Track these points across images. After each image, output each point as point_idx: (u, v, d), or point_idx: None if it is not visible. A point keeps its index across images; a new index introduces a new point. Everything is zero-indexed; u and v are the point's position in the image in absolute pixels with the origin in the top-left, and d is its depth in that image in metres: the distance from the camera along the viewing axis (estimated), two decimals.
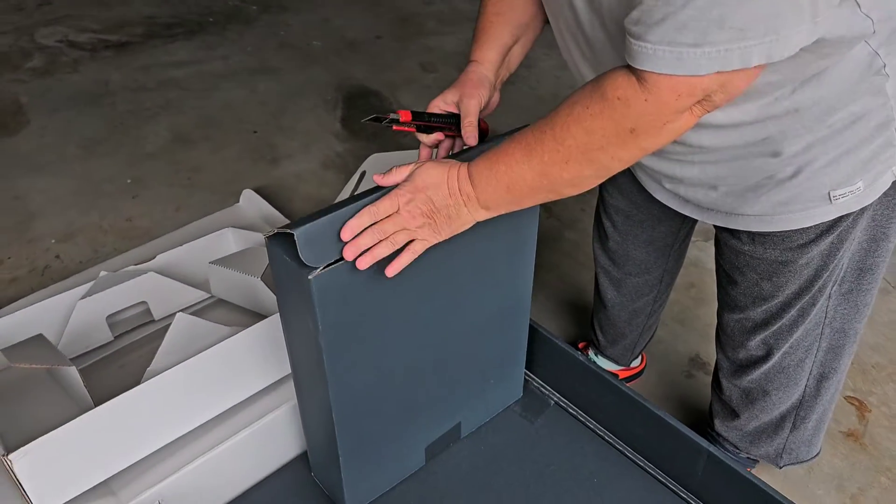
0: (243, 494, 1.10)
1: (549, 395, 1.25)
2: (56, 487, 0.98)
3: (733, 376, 1.18)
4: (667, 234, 1.21)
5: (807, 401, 1.16)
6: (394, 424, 1.04)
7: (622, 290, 1.33)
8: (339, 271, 0.81)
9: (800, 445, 1.22)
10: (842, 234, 0.94)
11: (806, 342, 1.08)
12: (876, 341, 1.69)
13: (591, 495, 1.10)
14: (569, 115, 0.74)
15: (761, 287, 1.03)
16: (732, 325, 1.13)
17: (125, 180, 2.16)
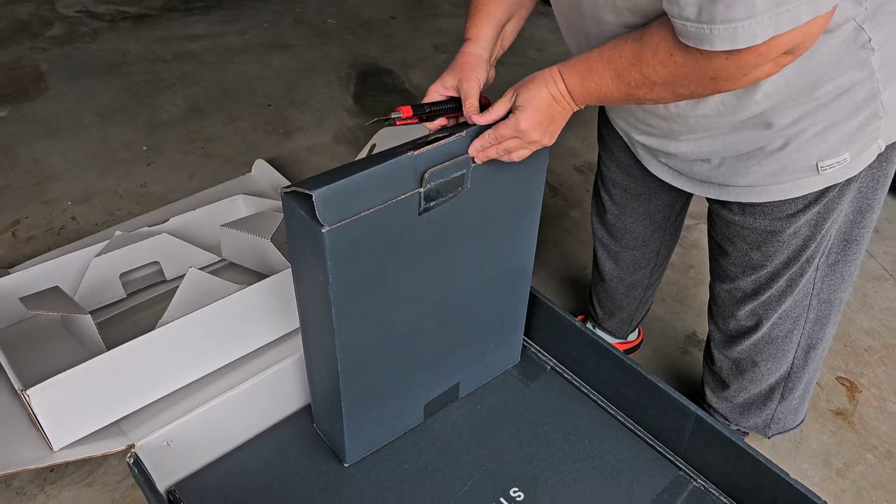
0: (248, 442, 1.15)
1: (545, 360, 1.29)
2: (71, 424, 1.04)
3: (724, 347, 1.22)
4: (663, 207, 1.24)
5: (795, 372, 1.19)
6: (395, 379, 1.08)
7: (620, 263, 1.36)
8: (351, 226, 0.85)
9: (787, 415, 1.25)
10: (828, 204, 0.97)
11: (794, 313, 1.12)
12: (871, 326, 1.72)
13: (582, 455, 1.14)
14: (654, 55, 0.78)
15: (751, 257, 1.07)
16: (723, 296, 1.16)
17: (141, 147, 2.21)
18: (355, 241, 0.87)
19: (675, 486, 1.10)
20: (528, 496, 1.08)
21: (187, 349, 1.10)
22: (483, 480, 1.10)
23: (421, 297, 1.01)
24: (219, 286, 1.29)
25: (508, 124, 0.89)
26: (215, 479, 1.10)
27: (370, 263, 0.91)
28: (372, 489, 1.08)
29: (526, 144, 0.91)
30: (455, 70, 0.97)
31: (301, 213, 0.86)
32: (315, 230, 0.84)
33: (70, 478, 1.33)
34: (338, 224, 0.84)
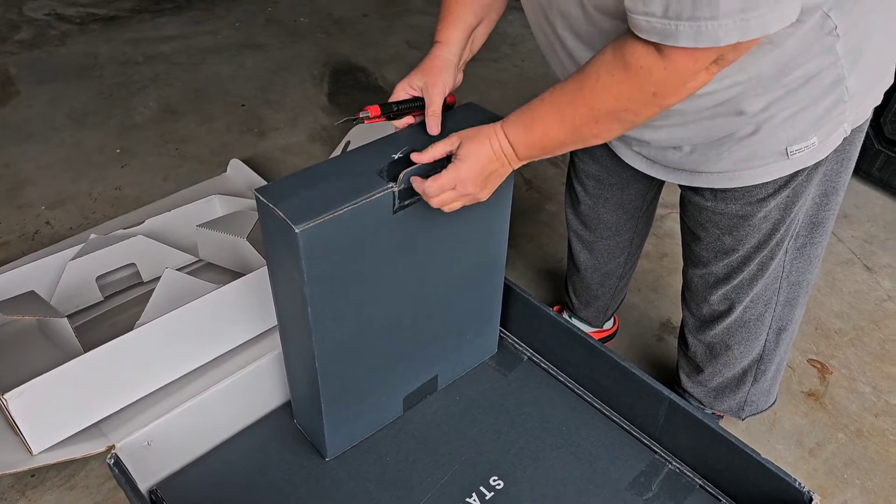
0: (229, 440, 1.15)
1: (522, 350, 1.31)
2: (49, 427, 1.04)
3: (697, 332, 1.25)
4: (636, 196, 1.26)
5: (767, 354, 1.22)
6: (373, 374, 1.09)
7: (594, 253, 1.38)
8: (325, 226, 0.86)
9: (759, 396, 1.28)
10: (797, 188, 1.00)
11: (765, 296, 1.14)
12: (841, 309, 1.76)
13: (559, 442, 1.16)
14: (596, 82, 0.80)
15: (723, 241, 1.09)
16: (696, 281, 1.19)
17: (114, 150, 2.20)
18: (329, 239, 0.88)
19: (651, 470, 1.12)
20: (507, 484, 1.10)
21: (165, 349, 1.10)
22: (463, 470, 1.11)
23: (397, 292, 1.03)
24: (196, 286, 1.30)
25: (449, 174, 0.89)
26: (197, 477, 1.11)
27: (345, 261, 0.92)
28: (353, 482, 1.09)
29: (460, 196, 0.91)
30: (423, 72, 0.99)
31: (276, 213, 0.87)
32: (289, 230, 0.85)
33: (51, 482, 1.33)
34: (311, 224, 0.85)
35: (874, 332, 1.70)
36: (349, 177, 0.91)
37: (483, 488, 1.09)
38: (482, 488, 1.09)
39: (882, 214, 2.05)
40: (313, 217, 0.86)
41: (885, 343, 1.67)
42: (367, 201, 0.90)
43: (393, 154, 0.96)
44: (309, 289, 0.90)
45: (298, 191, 0.88)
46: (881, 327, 1.71)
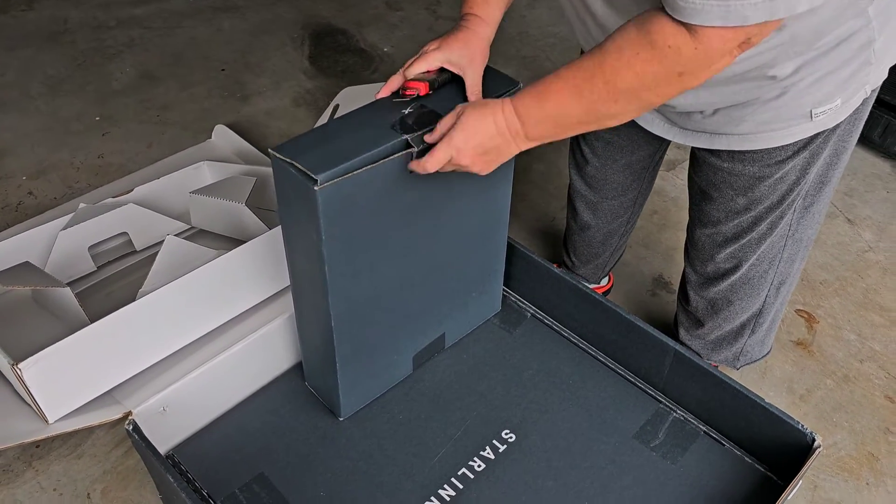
0: (241, 403, 1.16)
1: (525, 307, 1.33)
2: (64, 396, 1.03)
3: (700, 288, 1.27)
4: (644, 157, 1.28)
5: (766, 308, 1.25)
6: (386, 333, 1.10)
7: (598, 213, 1.40)
8: (344, 184, 0.86)
9: (755, 347, 1.32)
10: (815, 149, 1.01)
11: (771, 254, 1.17)
12: (825, 261, 1.80)
13: (567, 395, 1.19)
14: (618, 59, 0.77)
15: (736, 202, 1.10)
16: (703, 240, 1.21)
17: (93, 118, 2.15)
18: (348, 198, 0.88)
19: (656, 419, 1.16)
20: (518, 437, 1.12)
21: (177, 315, 1.10)
22: (475, 425, 1.13)
23: (410, 251, 1.03)
24: (197, 252, 1.29)
25: (443, 148, 0.87)
26: (212, 441, 1.11)
27: (362, 219, 0.92)
28: (368, 440, 1.11)
29: (454, 165, 0.89)
30: (462, 46, 0.97)
31: (293, 173, 0.86)
32: (307, 189, 0.85)
33: (58, 451, 1.33)
34: (330, 182, 0.85)
35: (857, 281, 1.75)
36: (364, 134, 0.91)
37: (496, 441, 1.11)
38: (495, 441, 1.11)
39: (861, 168, 2.10)
40: (332, 176, 0.85)
41: (868, 292, 1.73)
42: (385, 160, 0.89)
43: (403, 109, 0.95)
44: (326, 248, 0.90)
45: (314, 149, 0.88)
46: (863, 277, 1.77)
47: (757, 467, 1.10)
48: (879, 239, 1.87)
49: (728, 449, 1.12)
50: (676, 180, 2.01)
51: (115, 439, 1.35)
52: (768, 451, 1.09)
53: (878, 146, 2.13)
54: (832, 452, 1.39)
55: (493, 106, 0.87)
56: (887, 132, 2.07)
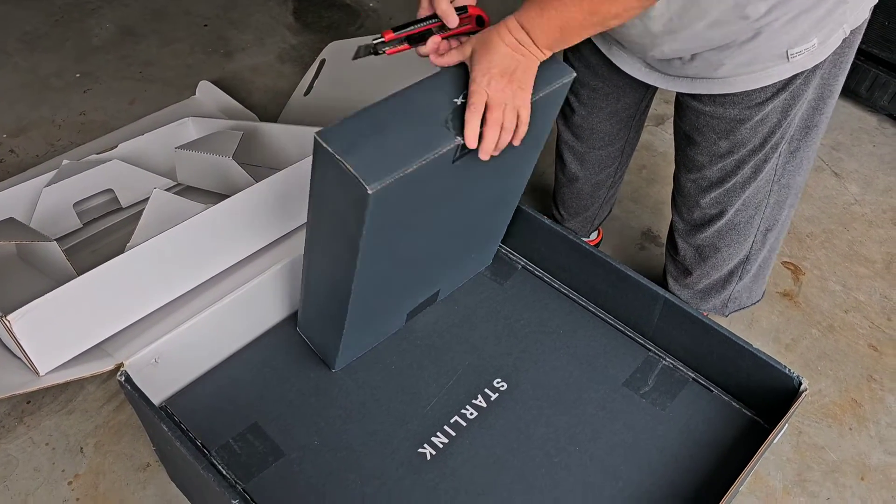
0: (233, 355, 1.16)
1: (516, 259, 1.33)
2: (55, 348, 1.02)
3: (688, 235, 1.28)
4: (630, 105, 1.27)
5: (753, 254, 1.26)
6: (392, 299, 1.10)
7: (586, 164, 1.39)
8: (394, 185, 0.81)
9: (742, 293, 1.34)
10: (795, 91, 1.01)
11: (756, 199, 1.18)
12: (811, 213, 1.82)
13: (557, 345, 1.19)
14: None
15: (719, 146, 1.11)
16: (689, 186, 1.21)
17: (73, 75, 2.10)
18: (395, 196, 0.83)
19: (646, 366, 1.17)
20: (510, 385, 1.13)
21: (166, 267, 1.09)
22: (467, 374, 1.14)
23: (437, 230, 1.02)
24: (185, 207, 1.27)
25: (473, 87, 0.84)
26: (205, 392, 1.12)
27: (402, 213, 0.89)
28: (361, 390, 1.12)
29: (502, 104, 0.84)
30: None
31: (343, 166, 0.79)
32: (358, 187, 0.79)
33: (48, 407, 1.33)
34: (383, 184, 0.79)
35: (843, 234, 1.77)
36: (415, 126, 0.84)
37: (488, 390, 1.12)
38: (487, 390, 1.12)
39: (848, 122, 2.10)
40: (385, 176, 0.79)
41: (853, 244, 1.74)
42: (435, 156, 0.84)
43: (455, 98, 0.88)
44: (365, 242, 0.87)
45: (365, 140, 0.81)
46: (849, 229, 1.78)
47: (744, 412, 1.12)
48: (865, 192, 1.89)
49: (716, 395, 1.14)
50: (665, 135, 2.01)
51: (106, 394, 1.35)
52: (756, 396, 1.11)
53: (864, 100, 2.13)
54: (816, 399, 1.41)
55: (498, 29, 0.84)
56: (874, 86, 2.08)
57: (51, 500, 1.21)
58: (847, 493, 1.28)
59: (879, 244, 1.74)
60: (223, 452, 1.04)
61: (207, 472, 0.88)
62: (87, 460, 1.26)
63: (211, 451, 1.04)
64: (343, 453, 1.05)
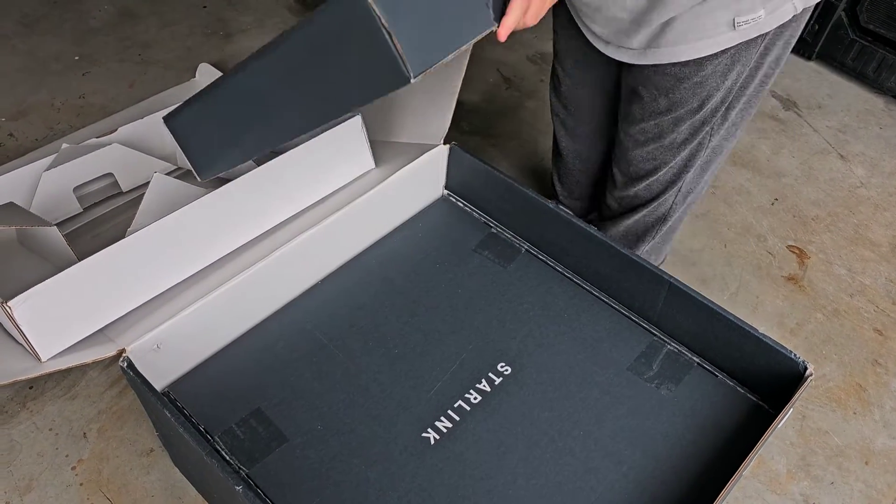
0: (236, 340, 1.15)
1: (520, 243, 1.32)
2: (56, 334, 1.02)
3: (620, 189, 1.33)
4: (607, 76, 1.29)
5: (670, 213, 1.32)
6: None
7: (576, 139, 1.43)
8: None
9: (650, 255, 1.41)
10: (736, 56, 1.04)
11: (685, 158, 1.22)
12: (817, 197, 1.80)
13: (562, 329, 1.19)
14: None
15: (658, 102, 1.13)
16: (626, 140, 1.25)
17: (72, 57, 2.08)
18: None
19: (650, 351, 1.16)
20: (514, 369, 1.13)
21: (168, 252, 1.08)
22: (471, 358, 1.14)
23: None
24: (186, 191, 1.26)
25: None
26: (207, 378, 1.11)
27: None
28: (364, 374, 1.11)
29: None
30: None
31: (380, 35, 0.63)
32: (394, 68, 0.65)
33: (51, 392, 1.33)
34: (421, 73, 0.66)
35: (848, 217, 1.76)
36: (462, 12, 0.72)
37: (492, 374, 1.12)
38: (491, 374, 1.12)
39: (855, 104, 2.08)
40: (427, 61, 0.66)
41: (859, 228, 1.73)
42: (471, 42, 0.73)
43: None
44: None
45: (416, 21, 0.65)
46: (855, 213, 1.77)
47: (749, 397, 1.11)
48: (871, 175, 1.87)
49: (721, 380, 1.13)
50: None
51: (108, 380, 1.35)
52: (760, 381, 1.10)
53: (871, 81, 2.11)
54: (821, 384, 1.41)
55: None
56: (882, 67, 2.05)
57: (55, 484, 1.21)
58: (851, 477, 1.28)
59: (885, 228, 1.73)
60: (226, 438, 1.03)
61: (211, 457, 0.88)
62: (90, 445, 1.26)
63: (214, 437, 1.03)
64: (346, 438, 1.04)
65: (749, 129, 2.00)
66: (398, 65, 0.64)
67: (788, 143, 1.96)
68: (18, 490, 1.20)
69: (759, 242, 1.68)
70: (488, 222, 1.35)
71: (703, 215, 1.74)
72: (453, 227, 1.34)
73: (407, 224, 1.34)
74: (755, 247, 1.67)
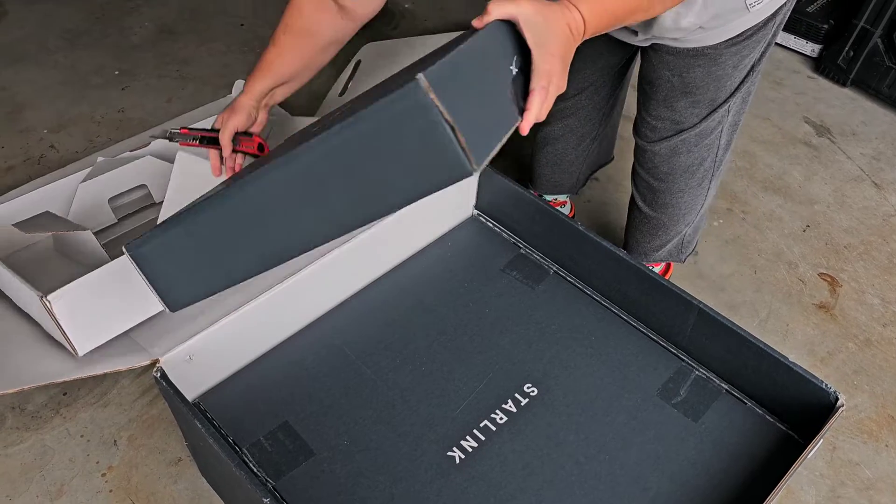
0: (267, 353, 1.17)
1: (549, 264, 1.32)
2: (93, 329, 1.03)
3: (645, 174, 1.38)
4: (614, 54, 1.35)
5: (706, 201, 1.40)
6: None
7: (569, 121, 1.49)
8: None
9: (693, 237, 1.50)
10: (754, 39, 1.09)
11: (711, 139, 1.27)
12: (849, 224, 1.78)
13: (589, 351, 1.19)
14: None
15: (672, 83, 1.18)
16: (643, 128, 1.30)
17: (113, 72, 2.14)
18: None
19: (678, 376, 1.16)
20: (541, 390, 1.13)
21: None
22: (497, 378, 1.14)
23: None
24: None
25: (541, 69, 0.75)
26: (237, 390, 1.13)
27: None
28: (391, 391, 1.12)
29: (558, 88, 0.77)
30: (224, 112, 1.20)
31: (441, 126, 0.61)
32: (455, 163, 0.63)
33: (84, 400, 1.35)
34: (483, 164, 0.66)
35: (882, 246, 1.73)
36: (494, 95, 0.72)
37: (518, 395, 1.12)
38: (517, 395, 1.12)
39: (890, 132, 2.06)
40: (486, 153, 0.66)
41: (893, 256, 1.71)
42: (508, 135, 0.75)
43: (511, 66, 0.75)
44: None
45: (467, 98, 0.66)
46: (889, 242, 1.75)
47: (778, 426, 1.10)
48: None
49: (750, 408, 1.12)
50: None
51: (140, 389, 1.37)
52: (790, 411, 1.09)
53: None
54: (852, 415, 1.39)
55: (562, 10, 0.77)
56: None
57: (85, 490, 1.23)
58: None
59: None
60: (254, 450, 1.05)
61: (239, 469, 0.89)
62: (120, 453, 1.28)
63: (242, 449, 1.05)
64: (372, 454, 1.05)
65: (781, 156, 1.99)
66: (461, 159, 0.63)
67: (821, 170, 1.94)
68: (50, 495, 1.22)
69: (790, 269, 1.66)
70: (517, 243, 1.36)
71: (733, 240, 1.73)
72: (482, 247, 1.35)
73: (436, 243, 1.35)
74: (786, 273, 1.65)
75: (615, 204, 1.80)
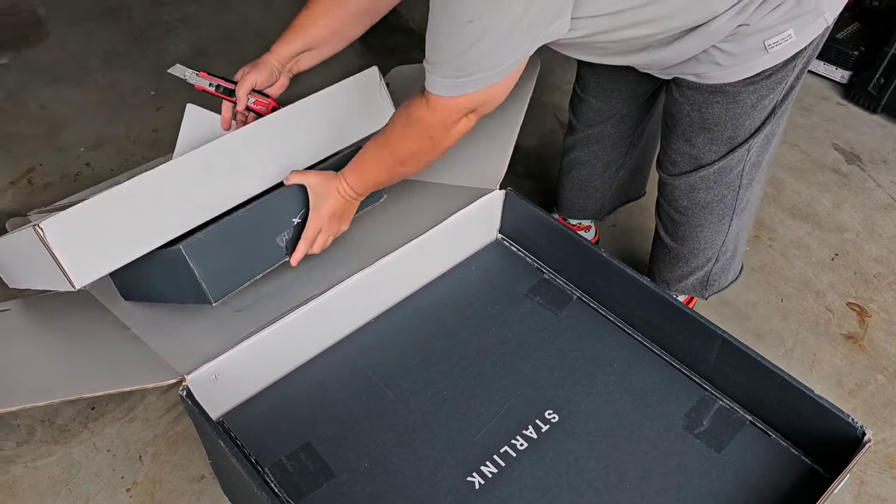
0: (290, 374, 1.18)
1: (572, 290, 1.32)
2: (90, 260, 1.02)
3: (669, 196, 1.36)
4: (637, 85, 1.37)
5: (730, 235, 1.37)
6: None
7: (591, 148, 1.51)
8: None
9: (720, 275, 1.45)
10: (773, 80, 1.09)
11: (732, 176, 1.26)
12: (880, 254, 1.76)
13: (611, 378, 1.18)
14: (398, 133, 1.03)
15: (691, 118, 1.18)
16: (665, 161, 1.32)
17: (149, 92, 2.19)
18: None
19: (701, 406, 1.15)
20: (562, 417, 1.12)
21: (207, 178, 1.15)
22: (518, 404, 1.14)
23: None
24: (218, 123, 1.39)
25: (311, 225, 1.14)
26: (260, 410, 1.14)
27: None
28: (413, 415, 1.12)
29: (328, 236, 1.16)
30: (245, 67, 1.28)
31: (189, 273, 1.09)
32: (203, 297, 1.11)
33: (111, 415, 1.38)
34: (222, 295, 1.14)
35: None
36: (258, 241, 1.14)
37: (539, 421, 1.12)
38: (538, 421, 1.12)
39: None
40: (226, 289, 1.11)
41: None
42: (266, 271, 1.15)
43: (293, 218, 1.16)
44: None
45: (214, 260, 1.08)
46: None
47: (804, 459, 1.09)
48: None
49: (774, 440, 1.11)
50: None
51: (165, 405, 1.40)
52: (816, 444, 1.07)
53: None
54: (881, 448, 1.36)
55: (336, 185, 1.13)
56: None
57: None
58: None
59: None
60: (276, 470, 1.06)
61: (261, 489, 0.90)
62: (144, 468, 1.30)
63: (264, 469, 1.06)
64: (392, 477, 1.05)
65: (809, 182, 1.97)
66: (204, 292, 1.08)
67: (851, 198, 1.92)
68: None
69: (818, 298, 1.64)
70: (541, 268, 1.36)
71: (760, 268, 1.72)
72: (506, 272, 1.36)
73: (460, 266, 1.36)
74: (813, 302, 1.63)
75: (640, 229, 1.80)
